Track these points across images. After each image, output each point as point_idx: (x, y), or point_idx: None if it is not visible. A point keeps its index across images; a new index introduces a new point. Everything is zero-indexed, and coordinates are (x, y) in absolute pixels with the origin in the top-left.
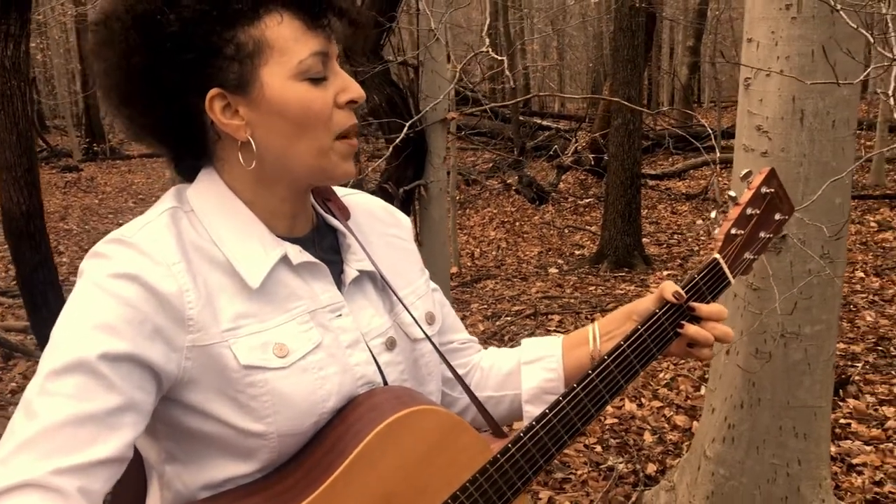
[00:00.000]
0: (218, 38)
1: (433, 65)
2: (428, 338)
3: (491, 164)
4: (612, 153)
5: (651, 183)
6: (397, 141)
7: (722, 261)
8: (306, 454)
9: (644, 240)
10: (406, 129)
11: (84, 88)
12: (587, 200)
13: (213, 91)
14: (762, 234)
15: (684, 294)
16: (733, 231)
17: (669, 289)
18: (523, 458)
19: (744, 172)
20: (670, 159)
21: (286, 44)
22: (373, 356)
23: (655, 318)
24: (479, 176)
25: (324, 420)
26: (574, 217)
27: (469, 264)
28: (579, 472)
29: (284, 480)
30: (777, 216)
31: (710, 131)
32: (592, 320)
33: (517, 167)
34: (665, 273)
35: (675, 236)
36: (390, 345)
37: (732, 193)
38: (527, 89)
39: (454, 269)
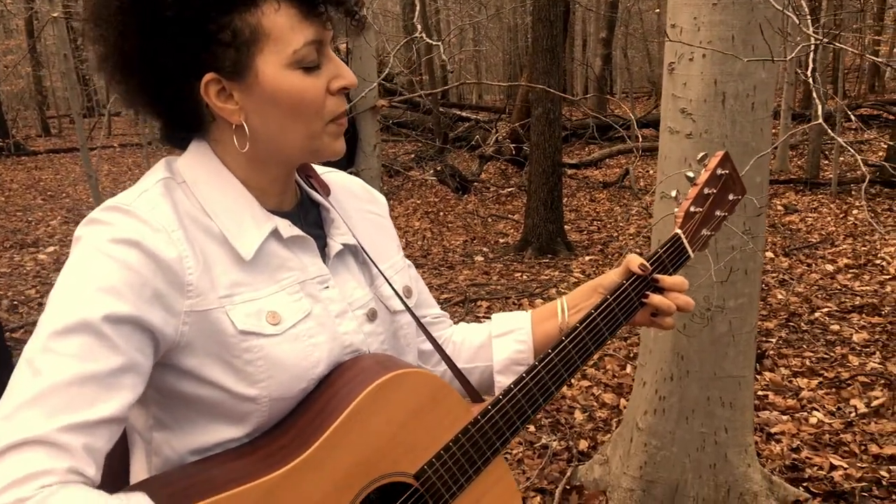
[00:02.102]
0: (214, 24)
1: (362, 52)
2: (408, 309)
3: (413, 156)
4: (533, 142)
5: (569, 172)
6: None
7: (683, 236)
8: (295, 418)
9: (565, 227)
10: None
11: None
12: (509, 190)
13: (209, 76)
14: (718, 213)
15: (649, 266)
16: (692, 209)
17: (635, 261)
18: (502, 420)
19: (700, 155)
20: (587, 149)
21: (282, 32)
22: (358, 326)
23: (622, 288)
24: (402, 167)
25: (312, 385)
26: (497, 206)
27: None
28: (514, 452)
29: (275, 442)
30: (731, 196)
31: (633, 119)
32: (520, 306)
33: (440, 158)
34: (587, 258)
35: (595, 223)
36: (372, 316)
37: (691, 174)
38: (444, 81)
39: None
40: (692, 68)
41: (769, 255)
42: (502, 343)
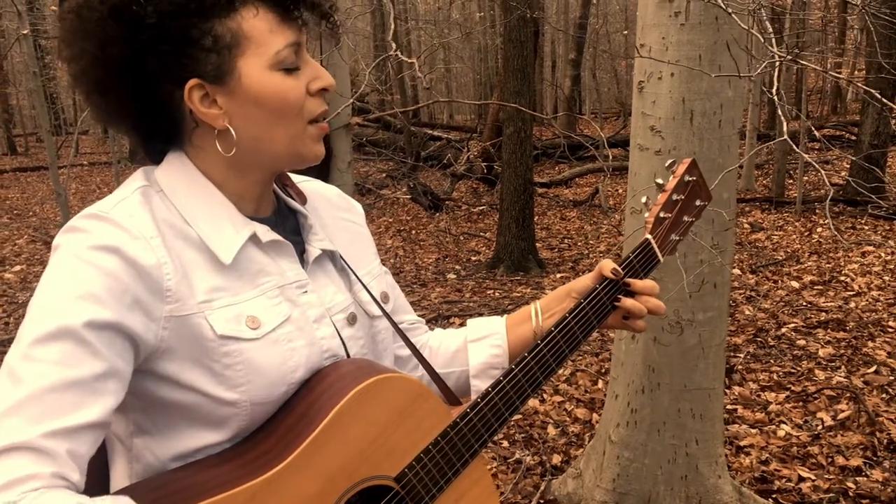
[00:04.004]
0: (196, 30)
1: (337, 70)
2: (386, 314)
3: (385, 174)
4: (505, 160)
5: (540, 191)
6: None
7: (653, 241)
8: (276, 423)
9: (537, 244)
10: None
11: None
12: (480, 208)
13: (192, 81)
14: (686, 218)
15: (621, 271)
16: (662, 214)
17: (608, 266)
18: (480, 422)
19: (669, 162)
20: (557, 167)
21: (262, 35)
22: (336, 331)
23: (595, 293)
24: (375, 185)
25: (292, 390)
26: (468, 224)
27: None
28: (489, 467)
29: (257, 447)
30: (698, 202)
31: (602, 139)
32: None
33: (412, 176)
34: (559, 276)
35: (566, 241)
36: (352, 320)
37: (660, 181)
38: (415, 101)
39: None
40: (661, 87)
41: (736, 271)
42: (478, 348)
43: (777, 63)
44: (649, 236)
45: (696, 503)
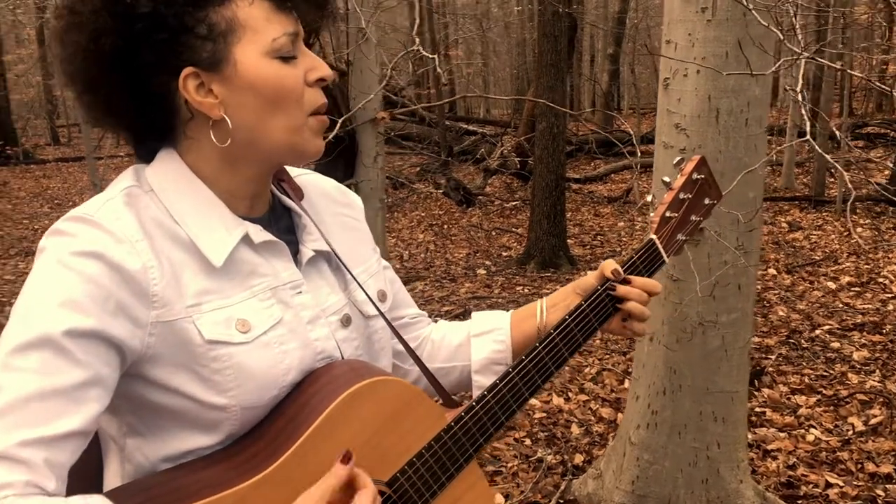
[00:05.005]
0: (190, 18)
1: (363, 64)
2: (381, 314)
3: (419, 168)
4: (537, 156)
5: (574, 186)
6: (330, 137)
7: (658, 241)
8: (267, 425)
9: (569, 241)
10: (337, 127)
11: None
12: (513, 203)
13: (187, 70)
14: (693, 217)
15: (622, 272)
16: (668, 214)
17: (609, 266)
18: (475, 426)
19: (676, 160)
20: (592, 163)
21: (258, 23)
22: (331, 332)
23: (596, 293)
24: (406, 179)
25: (284, 393)
26: (501, 219)
27: (398, 266)
28: (510, 465)
29: (246, 450)
30: (707, 201)
31: (631, 134)
32: None
33: (444, 171)
34: (590, 273)
35: (598, 238)
36: (346, 322)
37: (667, 179)
38: (452, 94)
39: None
40: (686, 83)
41: (772, 271)
42: (481, 343)
43: (798, 61)
44: (654, 236)
45: None
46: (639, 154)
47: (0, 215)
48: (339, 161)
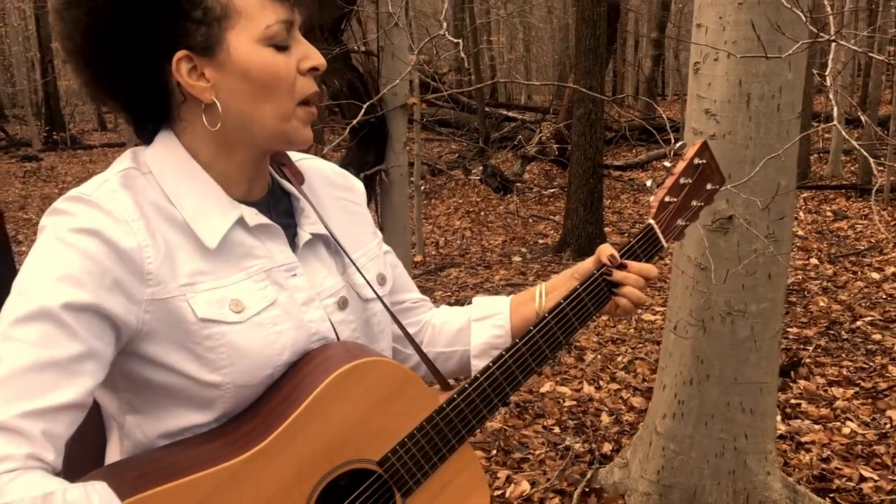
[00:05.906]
0: (186, 2)
1: (393, 49)
2: (379, 297)
3: (456, 155)
4: (574, 143)
5: (615, 174)
6: (355, 122)
7: (656, 226)
8: (262, 404)
9: (606, 229)
10: (363, 112)
11: (44, 76)
12: (551, 190)
13: (180, 53)
14: (694, 203)
15: (618, 257)
16: (667, 199)
17: (605, 251)
18: (468, 408)
19: (678, 144)
20: (634, 150)
21: (252, 9)
22: (326, 314)
23: (592, 278)
24: (444, 166)
25: (278, 373)
26: (538, 207)
27: (434, 253)
28: (537, 452)
29: (241, 428)
30: (709, 186)
31: (667, 122)
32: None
33: (482, 157)
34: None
35: (637, 226)
36: (342, 304)
37: (667, 164)
38: (494, 80)
39: (419, 258)
40: (717, 68)
41: (814, 261)
42: (480, 327)
43: (830, 44)
44: (652, 221)
45: (743, 499)
46: (673, 141)
47: (47, 200)
48: (371, 147)
